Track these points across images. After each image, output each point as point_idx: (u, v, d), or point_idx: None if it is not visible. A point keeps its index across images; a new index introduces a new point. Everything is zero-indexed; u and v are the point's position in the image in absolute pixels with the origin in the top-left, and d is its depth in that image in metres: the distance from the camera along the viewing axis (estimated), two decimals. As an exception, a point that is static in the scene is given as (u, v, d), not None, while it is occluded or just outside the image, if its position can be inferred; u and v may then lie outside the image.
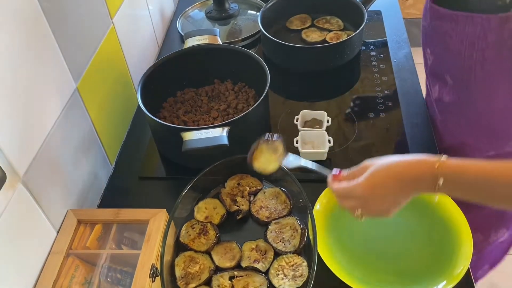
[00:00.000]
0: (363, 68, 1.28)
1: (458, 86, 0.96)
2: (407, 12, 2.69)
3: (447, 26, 0.88)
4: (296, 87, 1.26)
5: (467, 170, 0.60)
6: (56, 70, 0.85)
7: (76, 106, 0.92)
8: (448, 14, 0.87)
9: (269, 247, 0.85)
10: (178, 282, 0.81)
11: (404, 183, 0.65)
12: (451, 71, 0.94)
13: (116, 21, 1.09)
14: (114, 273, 0.82)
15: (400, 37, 1.39)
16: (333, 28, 1.37)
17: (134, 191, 1.04)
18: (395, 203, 0.67)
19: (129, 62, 1.18)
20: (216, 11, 1.44)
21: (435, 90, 1.04)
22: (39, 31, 0.79)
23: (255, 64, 1.08)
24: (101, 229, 0.87)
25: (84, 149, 0.95)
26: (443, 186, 0.61)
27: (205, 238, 0.87)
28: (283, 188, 0.93)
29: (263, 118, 1.09)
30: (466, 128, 0.99)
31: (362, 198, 0.68)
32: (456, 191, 0.62)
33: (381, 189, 0.66)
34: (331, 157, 1.04)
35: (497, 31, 0.80)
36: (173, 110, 1.12)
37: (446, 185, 0.60)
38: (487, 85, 0.88)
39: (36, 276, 0.78)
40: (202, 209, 0.93)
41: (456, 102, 0.98)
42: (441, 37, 0.92)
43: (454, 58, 0.90)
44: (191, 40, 1.15)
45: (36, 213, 0.79)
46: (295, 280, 0.79)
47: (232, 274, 0.82)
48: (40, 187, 0.79)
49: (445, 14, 0.88)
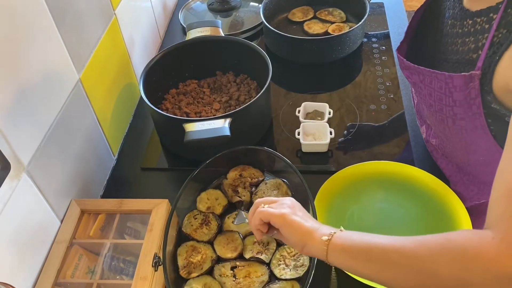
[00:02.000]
0: (365, 60, 1.28)
1: (439, 135, 0.91)
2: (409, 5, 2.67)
3: (415, 78, 0.83)
4: (298, 79, 1.26)
5: (352, 250, 0.63)
6: (59, 62, 0.85)
7: (79, 97, 0.93)
8: (413, 67, 0.81)
9: (271, 238, 0.86)
10: (180, 272, 0.82)
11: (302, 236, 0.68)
12: (429, 119, 0.90)
13: (118, 13, 1.09)
14: (117, 263, 0.83)
15: (403, 29, 1.37)
16: (335, 20, 1.37)
17: (136, 182, 1.04)
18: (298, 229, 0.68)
19: (132, 54, 1.18)
20: (218, 2, 1.44)
21: (423, 130, 1.00)
22: (42, 23, 0.79)
23: (257, 56, 1.08)
24: (104, 219, 0.88)
25: (87, 140, 0.96)
26: (329, 259, 0.65)
27: (207, 229, 0.88)
28: (284, 179, 0.94)
29: (265, 110, 1.09)
30: (456, 174, 0.95)
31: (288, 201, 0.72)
32: (342, 265, 0.66)
33: (301, 211, 0.71)
34: (332, 148, 1.04)
35: (463, 90, 0.74)
36: (175, 101, 1.12)
37: (333, 260, 0.65)
38: (463, 138, 0.83)
39: (40, 265, 0.79)
40: (204, 200, 0.93)
41: (441, 147, 0.94)
42: (414, 85, 0.87)
43: (428, 109, 0.85)
44: (193, 32, 1.15)
45: (40, 202, 0.79)
46: (296, 270, 0.80)
47: (234, 264, 0.83)
48: (44, 177, 0.80)
49: (410, 66, 0.82)
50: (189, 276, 0.82)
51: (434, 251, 0.58)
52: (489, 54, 0.70)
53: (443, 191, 0.91)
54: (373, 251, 0.61)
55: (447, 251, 0.57)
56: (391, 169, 0.96)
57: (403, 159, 1.00)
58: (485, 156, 0.82)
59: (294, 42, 1.24)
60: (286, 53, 1.29)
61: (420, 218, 0.90)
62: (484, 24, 0.72)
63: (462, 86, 0.73)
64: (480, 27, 0.73)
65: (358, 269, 0.64)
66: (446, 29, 0.82)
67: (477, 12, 0.74)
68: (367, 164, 0.97)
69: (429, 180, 0.93)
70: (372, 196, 0.94)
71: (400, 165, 0.96)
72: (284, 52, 1.29)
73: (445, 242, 0.58)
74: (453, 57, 0.79)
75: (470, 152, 0.84)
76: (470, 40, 0.75)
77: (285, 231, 0.68)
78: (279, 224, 0.69)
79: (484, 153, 0.82)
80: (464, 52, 0.76)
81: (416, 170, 0.95)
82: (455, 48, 0.79)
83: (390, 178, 0.95)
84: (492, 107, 0.73)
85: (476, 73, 0.71)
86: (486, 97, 0.72)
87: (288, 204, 0.71)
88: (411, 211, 0.91)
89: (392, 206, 0.93)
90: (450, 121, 0.81)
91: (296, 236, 0.67)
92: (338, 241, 0.64)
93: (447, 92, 0.76)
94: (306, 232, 0.67)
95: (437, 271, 0.57)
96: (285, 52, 1.29)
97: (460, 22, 0.78)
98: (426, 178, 0.94)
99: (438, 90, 0.78)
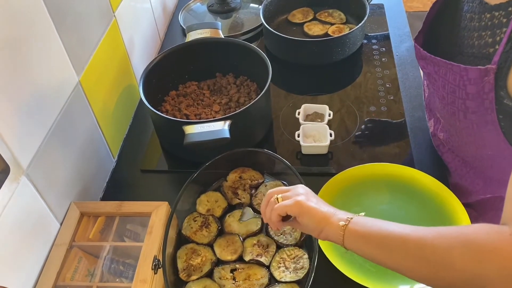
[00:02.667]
0: (365, 62, 1.28)
1: (448, 128, 0.92)
2: (409, 6, 2.68)
3: (430, 69, 0.83)
4: (298, 81, 1.26)
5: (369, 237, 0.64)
6: (58, 64, 0.85)
7: (79, 100, 0.92)
8: (429, 57, 0.82)
9: (271, 241, 0.86)
10: (180, 274, 0.82)
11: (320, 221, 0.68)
12: (440, 112, 0.90)
13: (118, 15, 1.09)
14: (117, 265, 0.83)
15: (402, 30, 1.39)
16: (335, 21, 1.37)
17: (136, 184, 1.04)
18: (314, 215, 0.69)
19: (131, 56, 1.18)
20: (218, 4, 1.44)
21: (430, 124, 1.01)
22: (41, 25, 0.79)
23: (257, 57, 1.08)
24: (104, 221, 0.88)
25: (87, 142, 0.96)
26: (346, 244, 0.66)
27: (207, 231, 0.88)
28: (284, 181, 0.94)
29: (265, 112, 1.09)
30: (462, 168, 0.95)
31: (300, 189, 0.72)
32: (358, 250, 0.66)
33: (315, 197, 0.72)
34: (332, 150, 1.04)
35: (477, 83, 0.74)
36: (175, 103, 1.12)
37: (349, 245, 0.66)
38: (473, 132, 0.83)
39: (40, 268, 0.79)
40: (204, 202, 0.93)
41: (449, 141, 0.94)
42: (428, 76, 0.88)
43: (441, 101, 0.85)
44: (193, 33, 1.15)
45: (40, 205, 0.79)
46: (296, 273, 0.80)
47: (234, 266, 0.83)
48: (44, 180, 0.80)
49: (426, 56, 0.83)
50: (188, 278, 0.82)
51: (452, 244, 0.58)
52: (506, 49, 0.70)
53: (444, 193, 0.91)
54: (391, 239, 0.62)
55: (464, 244, 0.57)
56: (391, 171, 0.96)
57: (403, 161, 1.00)
58: (493, 151, 0.82)
59: (294, 44, 1.24)
60: (286, 54, 1.29)
61: (420, 220, 0.90)
62: (502, 18, 0.72)
63: (476, 80, 0.74)
64: (498, 21, 0.73)
65: (374, 256, 0.65)
66: (464, 22, 0.82)
67: (496, 6, 0.74)
68: (367, 166, 0.97)
69: (430, 182, 0.93)
70: (372, 198, 0.94)
71: (400, 167, 0.96)
72: (284, 54, 1.29)
73: (463, 236, 0.59)
74: (469, 50, 0.79)
75: (479, 147, 0.85)
76: (487, 34, 0.75)
77: (303, 219, 0.69)
78: (296, 212, 0.69)
79: (492, 148, 0.82)
80: (481, 46, 0.76)
81: (417, 172, 0.95)
82: (471, 42, 0.79)
83: (390, 180, 0.95)
84: (505, 103, 0.73)
85: (492, 67, 0.71)
86: (499, 92, 0.73)
87: (302, 192, 0.72)
88: (412, 213, 0.91)
89: (392, 208, 0.93)
90: (462, 115, 0.81)
91: (314, 222, 0.68)
92: (355, 227, 0.65)
93: (461, 85, 0.77)
94: (323, 217, 0.68)
95: (453, 264, 0.57)
96: (285, 53, 1.29)
97: (478, 16, 0.78)
98: (426, 180, 0.93)
99: (452, 82, 0.78)
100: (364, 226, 0.65)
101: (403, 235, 0.61)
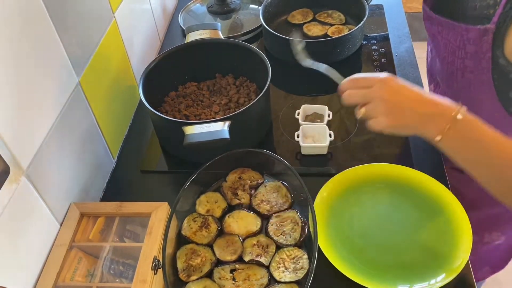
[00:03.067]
0: (365, 62, 1.28)
1: (447, 91, 0.95)
2: (409, 6, 2.68)
3: (434, 29, 0.88)
4: (298, 81, 1.26)
5: (475, 129, 0.65)
6: (58, 64, 0.85)
7: (79, 100, 0.93)
8: (434, 17, 0.87)
9: (270, 241, 0.86)
10: (180, 275, 0.82)
11: (422, 105, 0.68)
12: (440, 74, 0.94)
13: (118, 16, 1.09)
14: (117, 266, 0.83)
15: (402, 31, 1.39)
16: (335, 22, 1.37)
17: (136, 185, 1.04)
18: (402, 118, 0.69)
19: (131, 57, 1.18)
20: (217, 5, 1.44)
21: (430, 88, 1.04)
22: (41, 26, 0.80)
23: (256, 58, 1.08)
24: (104, 222, 0.88)
25: (87, 142, 0.96)
26: (447, 132, 0.65)
27: (206, 231, 0.88)
28: (284, 182, 0.94)
29: (264, 112, 1.09)
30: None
31: (376, 92, 0.71)
32: (455, 142, 0.66)
33: (398, 94, 0.70)
34: (332, 151, 1.04)
35: (476, 43, 0.78)
36: (174, 104, 1.12)
37: (450, 133, 0.65)
38: (471, 94, 0.87)
39: (39, 268, 0.79)
40: (204, 203, 0.93)
41: None
42: (432, 37, 0.92)
43: (441, 62, 0.89)
44: (192, 34, 1.16)
45: (40, 206, 0.79)
46: (295, 273, 0.80)
47: (234, 267, 0.83)
48: (43, 180, 0.80)
49: (432, 16, 0.88)
50: (188, 279, 0.82)
51: None
52: (505, 9, 0.72)
53: (443, 193, 0.91)
54: (497, 157, 0.64)
55: None
56: (390, 171, 0.96)
57: (402, 161, 1.00)
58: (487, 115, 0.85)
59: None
60: (285, 55, 1.29)
61: (420, 220, 0.90)
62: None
63: (475, 40, 0.77)
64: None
65: (466, 163, 0.66)
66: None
67: None
68: (367, 166, 0.97)
69: (429, 182, 0.93)
70: (372, 198, 0.94)
71: (400, 167, 0.96)
72: (284, 55, 1.29)
73: None
74: (472, 13, 0.81)
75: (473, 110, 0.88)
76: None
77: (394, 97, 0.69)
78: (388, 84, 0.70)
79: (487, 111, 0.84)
80: (482, 7, 0.79)
81: (416, 172, 0.95)
82: (473, 5, 0.81)
83: (389, 180, 0.95)
84: (499, 63, 0.75)
85: (491, 27, 0.73)
86: (495, 51, 0.75)
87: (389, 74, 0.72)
88: (411, 213, 0.91)
89: (392, 208, 0.93)
90: (460, 74, 0.84)
91: (414, 103, 0.69)
92: (463, 128, 0.66)
93: (461, 45, 0.80)
94: (430, 102, 0.68)
95: None
96: (285, 54, 1.29)
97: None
98: (425, 180, 0.94)
99: (453, 42, 0.82)
100: (474, 130, 0.66)
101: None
